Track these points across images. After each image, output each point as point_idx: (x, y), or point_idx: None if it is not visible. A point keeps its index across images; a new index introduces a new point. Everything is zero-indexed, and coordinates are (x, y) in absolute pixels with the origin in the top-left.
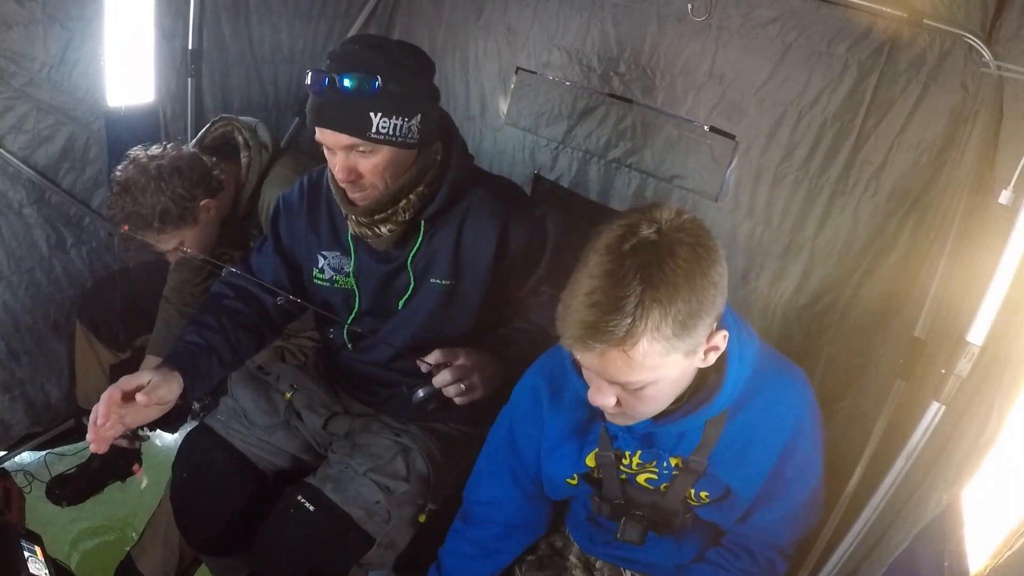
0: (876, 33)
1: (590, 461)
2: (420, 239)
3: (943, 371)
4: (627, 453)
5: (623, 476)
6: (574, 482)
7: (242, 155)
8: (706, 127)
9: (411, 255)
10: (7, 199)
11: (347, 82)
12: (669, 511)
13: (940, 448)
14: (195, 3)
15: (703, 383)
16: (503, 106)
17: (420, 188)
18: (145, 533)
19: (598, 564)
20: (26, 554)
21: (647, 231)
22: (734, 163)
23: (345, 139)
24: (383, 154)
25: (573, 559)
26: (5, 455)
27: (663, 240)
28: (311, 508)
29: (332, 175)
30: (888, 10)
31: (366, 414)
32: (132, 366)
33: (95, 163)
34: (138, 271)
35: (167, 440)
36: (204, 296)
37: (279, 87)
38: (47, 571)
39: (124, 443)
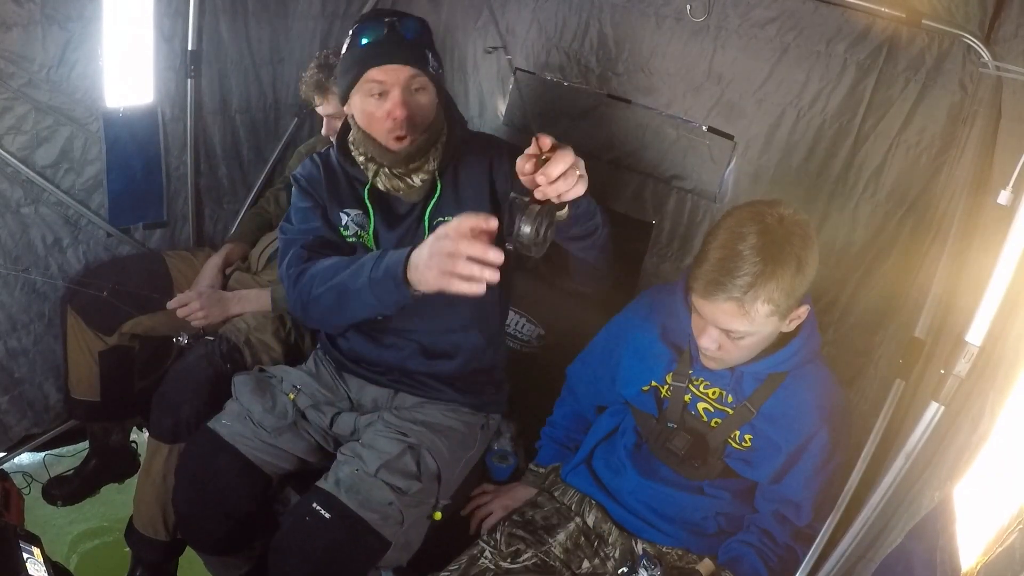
0: (875, 33)
1: (668, 378)
2: (438, 193)
3: (942, 371)
4: (700, 378)
5: (687, 397)
6: (647, 389)
7: None
8: (704, 127)
9: (430, 207)
10: (5, 199)
11: (403, 26)
12: (710, 447)
13: (937, 447)
14: (194, 4)
15: (776, 344)
16: (502, 107)
17: (442, 138)
18: (137, 497)
19: (610, 540)
20: (25, 555)
21: (771, 220)
22: (733, 163)
23: (408, 71)
24: (430, 93)
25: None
26: (4, 456)
27: (783, 229)
28: (327, 515)
29: (367, 136)
30: (887, 10)
31: (373, 410)
32: (120, 353)
33: (94, 164)
34: (128, 260)
35: None
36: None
37: (278, 87)
38: (46, 572)
39: None
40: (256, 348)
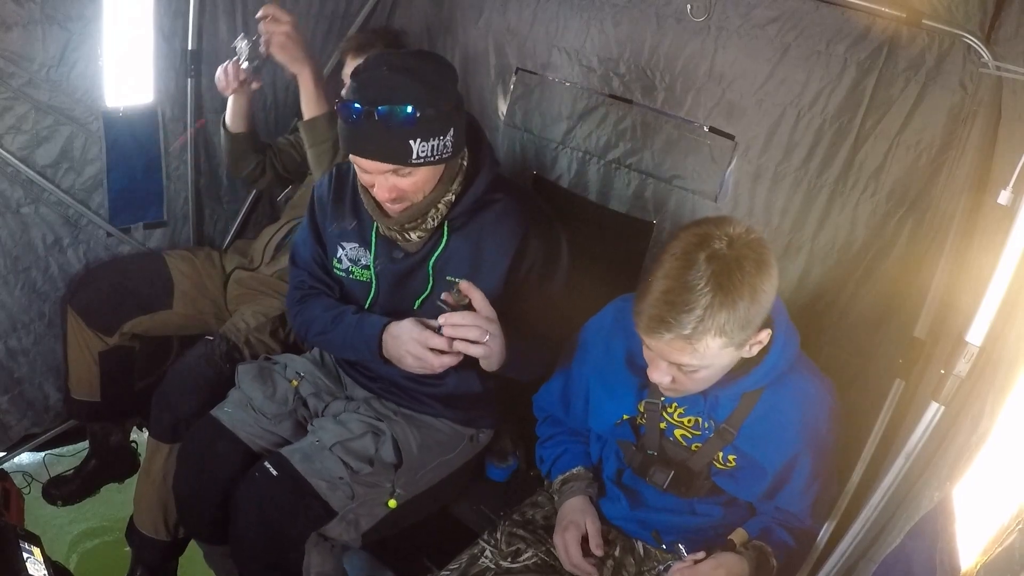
0: (875, 33)
1: (641, 407)
2: (444, 242)
3: (942, 371)
4: (674, 404)
5: (663, 425)
6: (619, 423)
7: None
8: (705, 127)
9: (434, 257)
10: (5, 199)
11: (384, 114)
12: (694, 472)
13: (937, 447)
14: (194, 4)
15: (747, 362)
16: (502, 107)
17: (448, 196)
18: (137, 496)
19: (610, 537)
20: (25, 555)
21: (719, 244)
22: (733, 163)
23: (386, 167)
24: (422, 172)
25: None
26: (4, 456)
27: (733, 253)
28: (275, 473)
29: (364, 187)
30: (887, 10)
31: (365, 399)
32: (120, 353)
33: (94, 163)
34: (128, 260)
35: None
36: None
37: (278, 87)
38: (46, 572)
39: None
40: (255, 348)
